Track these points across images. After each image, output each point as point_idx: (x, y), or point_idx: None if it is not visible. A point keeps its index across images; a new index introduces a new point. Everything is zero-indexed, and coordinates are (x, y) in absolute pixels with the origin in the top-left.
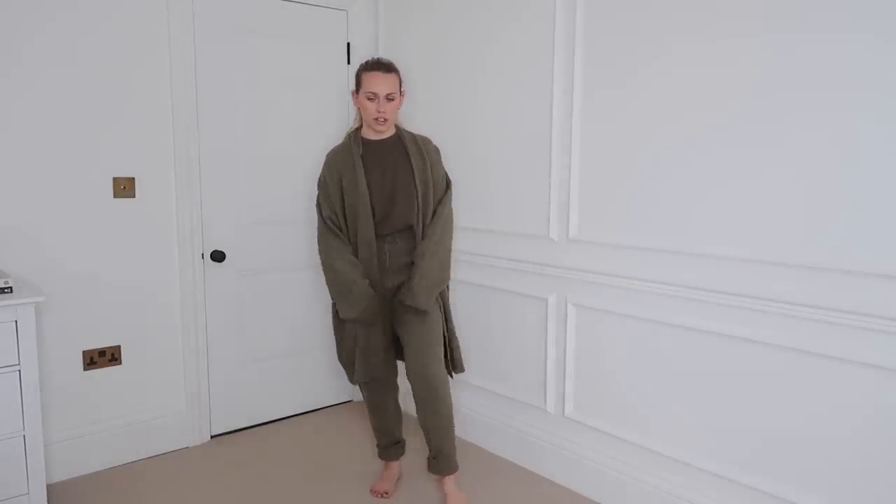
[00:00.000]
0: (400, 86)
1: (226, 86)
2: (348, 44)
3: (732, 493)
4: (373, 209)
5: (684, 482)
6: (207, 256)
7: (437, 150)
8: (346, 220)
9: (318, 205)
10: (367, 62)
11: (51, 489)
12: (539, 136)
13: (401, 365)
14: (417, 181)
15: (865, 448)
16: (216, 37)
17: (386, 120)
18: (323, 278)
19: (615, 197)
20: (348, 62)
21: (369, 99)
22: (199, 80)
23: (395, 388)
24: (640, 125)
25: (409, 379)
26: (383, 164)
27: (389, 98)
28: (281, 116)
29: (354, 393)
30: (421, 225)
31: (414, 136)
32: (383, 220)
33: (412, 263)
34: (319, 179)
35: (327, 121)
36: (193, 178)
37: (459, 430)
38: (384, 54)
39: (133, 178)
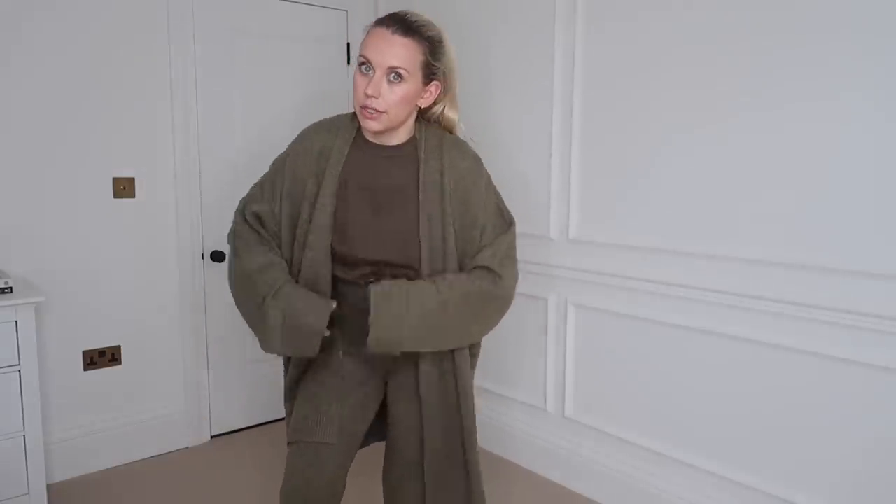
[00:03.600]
0: (427, 66)
1: (225, 86)
2: (348, 44)
3: (732, 494)
4: (338, 240)
5: (684, 482)
6: (207, 256)
7: (473, 163)
8: (292, 240)
9: (246, 199)
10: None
11: (51, 489)
12: (539, 136)
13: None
14: (422, 220)
15: (865, 448)
16: (216, 37)
17: (378, 113)
18: None
19: (615, 197)
20: (348, 62)
21: (360, 66)
22: (199, 80)
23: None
24: (639, 126)
25: None
26: (369, 189)
27: (394, 74)
28: (281, 117)
29: None
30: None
31: (440, 140)
32: (353, 252)
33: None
34: (276, 160)
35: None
36: (193, 178)
37: None
38: None
39: (133, 178)
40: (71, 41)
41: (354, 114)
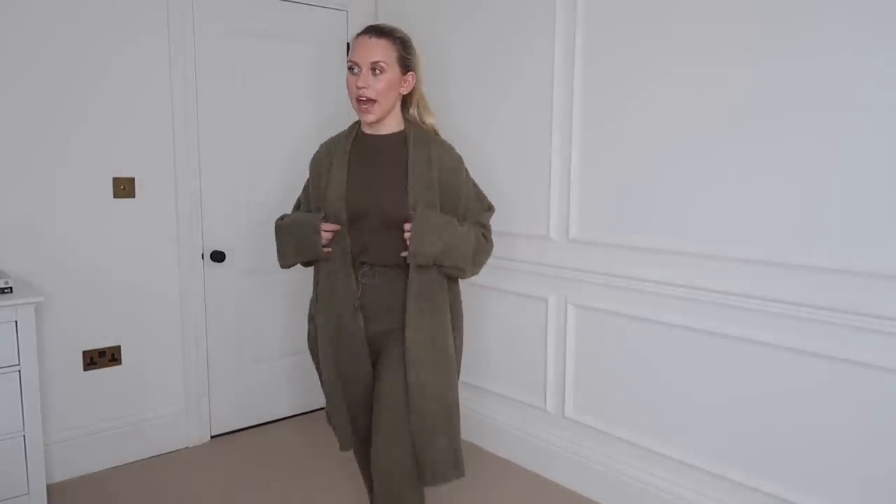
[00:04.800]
0: (402, 59)
1: (225, 86)
2: (348, 44)
3: (732, 494)
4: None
5: (684, 482)
6: (207, 256)
7: (457, 161)
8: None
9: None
10: None
11: (51, 489)
12: (539, 137)
13: None
14: (411, 201)
15: (866, 448)
16: (216, 37)
17: (370, 102)
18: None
19: (615, 197)
20: None
21: (350, 70)
22: (199, 80)
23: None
24: (639, 125)
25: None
26: (370, 166)
27: (376, 69)
28: (281, 116)
29: None
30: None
31: (427, 138)
32: (354, 242)
33: (399, 310)
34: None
35: (327, 121)
36: (193, 178)
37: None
38: None
39: (133, 178)
40: (71, 41)
41: (353, 124)
